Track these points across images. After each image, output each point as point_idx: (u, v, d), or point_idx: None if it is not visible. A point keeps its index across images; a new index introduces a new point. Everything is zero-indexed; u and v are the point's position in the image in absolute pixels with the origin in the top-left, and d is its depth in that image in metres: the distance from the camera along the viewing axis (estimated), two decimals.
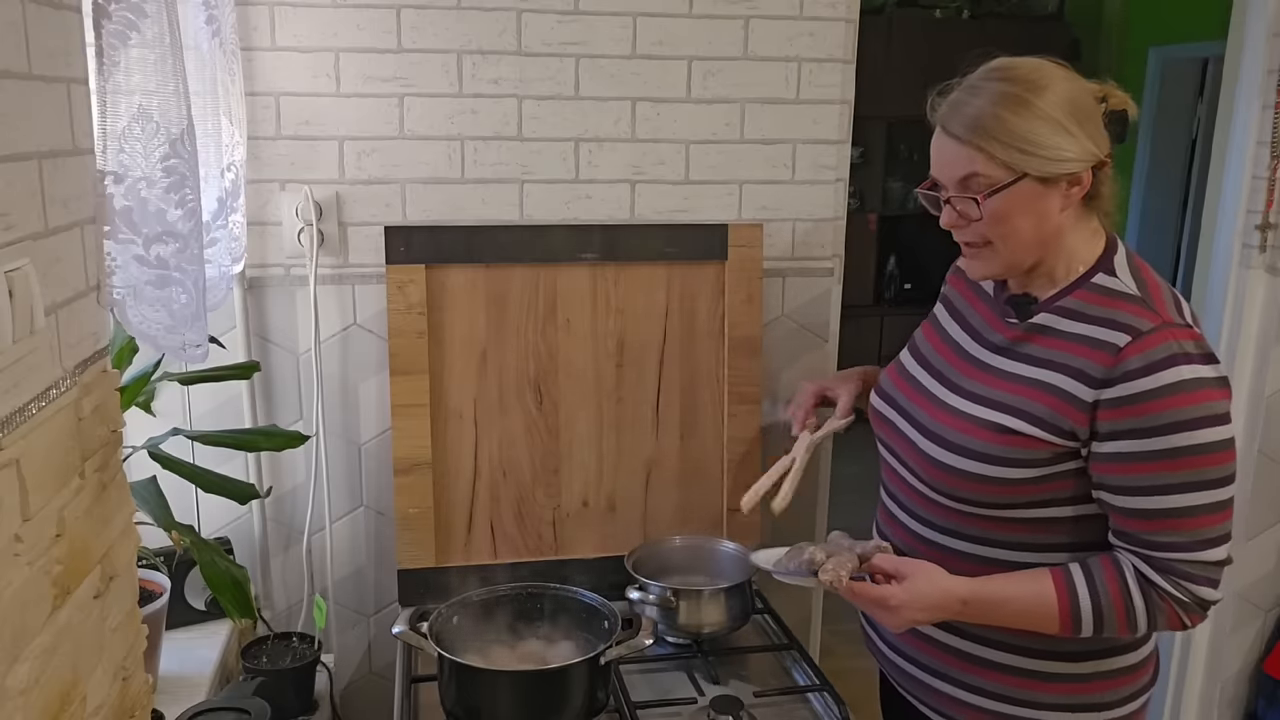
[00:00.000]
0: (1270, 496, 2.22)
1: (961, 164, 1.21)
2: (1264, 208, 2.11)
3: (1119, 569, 1.20)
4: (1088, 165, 1.19)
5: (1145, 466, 1.16)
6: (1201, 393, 1.14)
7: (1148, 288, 1.22)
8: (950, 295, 1.46)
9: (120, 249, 1.15)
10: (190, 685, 1.56)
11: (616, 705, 1.46)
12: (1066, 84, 1.20)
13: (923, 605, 1.25)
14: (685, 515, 1.90)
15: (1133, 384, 1.15)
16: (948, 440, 1.28)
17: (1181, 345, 1.15)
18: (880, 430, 1.44)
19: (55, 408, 0.94)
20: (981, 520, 1.28)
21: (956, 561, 1.30)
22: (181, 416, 1.79)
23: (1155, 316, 1.17)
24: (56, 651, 0.92)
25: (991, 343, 1.32)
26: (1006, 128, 1.17)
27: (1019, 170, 1.18)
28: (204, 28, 1.46)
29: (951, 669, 1.35)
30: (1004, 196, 1.19)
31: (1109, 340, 1.17)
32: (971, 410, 1.28)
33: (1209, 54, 4.49)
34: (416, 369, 1.75)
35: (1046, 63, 1.22)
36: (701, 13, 1.83)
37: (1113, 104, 1.24)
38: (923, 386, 1.38)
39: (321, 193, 1.78)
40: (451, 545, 1.81)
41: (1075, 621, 1.21)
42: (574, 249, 1.80)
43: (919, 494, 1.34)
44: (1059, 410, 1.20)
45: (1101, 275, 1.24)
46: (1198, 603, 1.18)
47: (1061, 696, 1.30)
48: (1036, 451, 1.21)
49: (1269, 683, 2.29)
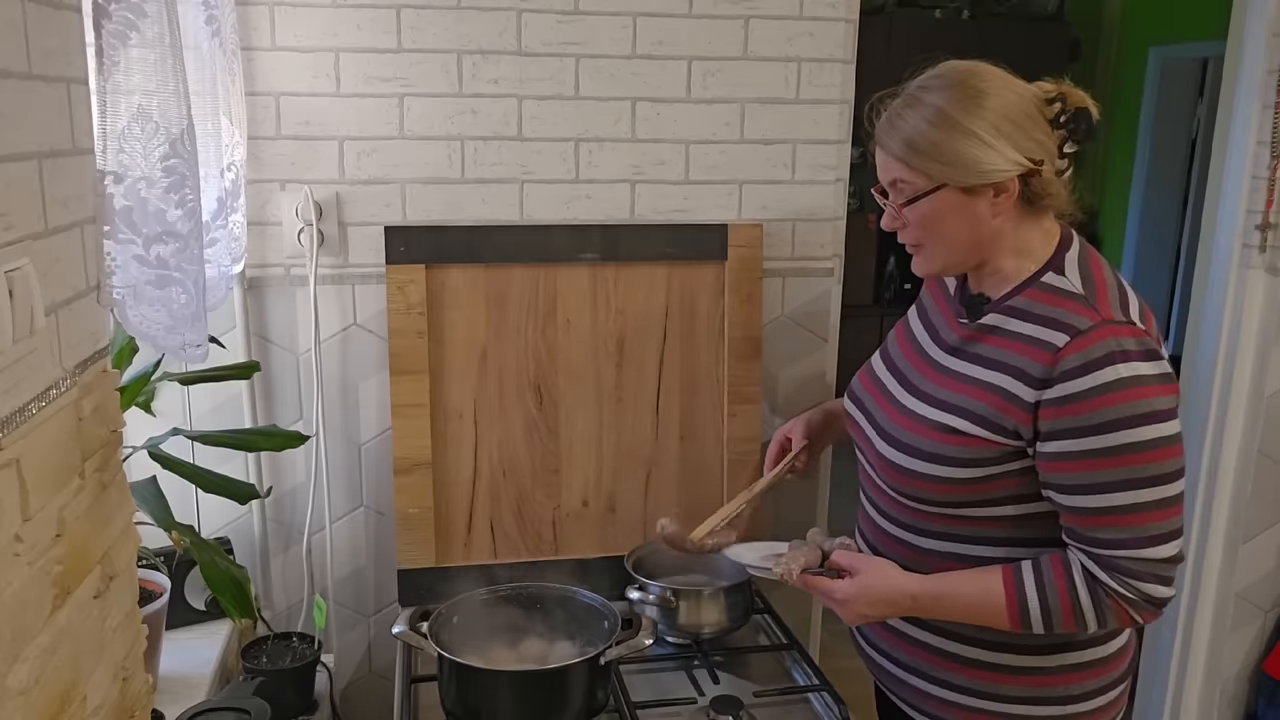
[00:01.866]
0: (1270, 496, 2.22)
1: (887, 171, 1.27)
2: (1264, 208, 2.11)
3: (1067, 567, 1.21)
4: (1013, 174, 1.20)
5: (1085, 465, 1.17)
6: (1140, 390, 1.14)
7: (1094, 285, 1.22)
8: (923, 297, 1.47)
9: (120, 249, 1.15)
10: (190, 685, 1.56)
11: (616, 705, 1.46)
12: (1002, 93, 1.21)
13: (870, 600, 1.29)
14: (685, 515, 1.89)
15: (1071, 383, 1.16)
16: (900, 441, 1.31)
17: (1120, 343, 1.15)
18: (851, 431, 1.46)
19: (55, 408, 0.94)
20: (939, 518, 1.30)
21: (922, 558, 1.32)
22: (181, 416, 1.79)
23: (1095, 314, 1.18)
24: (56, 651, 0.92)
25: (945, 342, 1.34)
26: (929, 141, 1.20)
27: (938, 180, 1.21)
28: (204, 28, 1.46)
29: (919, 663, 1.36)
30: (925, 204, 1.24)
31: (1049, 340, 1.19)
32: (922, 411, 1.30)
33: (1209, 54, 4.49)
34: (416, 369, 1.75)
35: (987, 69, 1.23)
36: (701, 13, 1.83)
37: (1072, 102, 1.23)
38: (885, 388, 1.40)
39: (321, 193, 1.78)
40: (451, 545, 1.82)
41: (1024, 618, 1.22)
42: (574, 249, 1.80)
43: (883, 493, 1.36)
44: (1002, 410, 1.21)
45: (1051, 274, 1.25)
46: (1146, 600, 1.18)
47: (1027, 689, 1.31)
48: (982, 451, 1.23)
49: (1269, 683, 2.29)
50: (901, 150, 1.23)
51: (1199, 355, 2.27)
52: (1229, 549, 2.25)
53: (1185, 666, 2.35)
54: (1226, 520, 2.25)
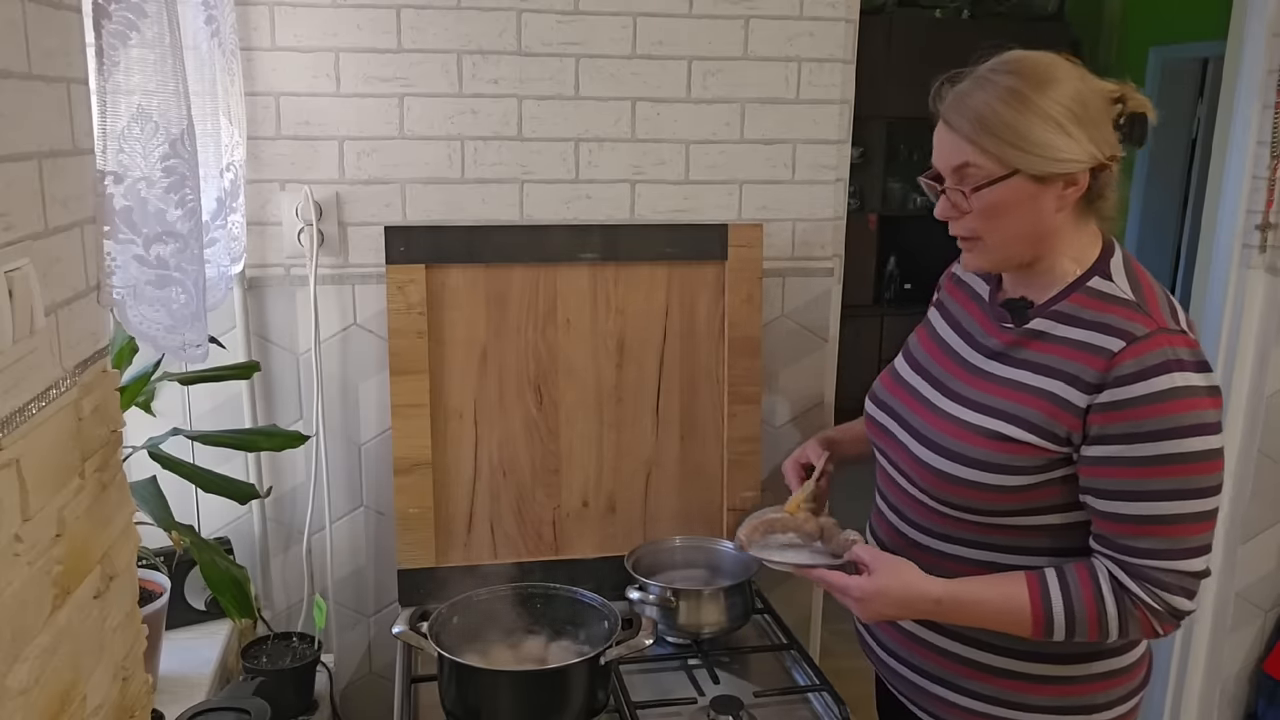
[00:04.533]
0: (1270, 496, 2.22)
1: (956, 154, 1.21)
2: (1264, 208, 2.11)
3: (1094, 575, 1.20)
4: (1085, 167, 1.18)
5: (1131, 472, 1.15)
6: (1193, 400, 1.13)
7: (1143, 292, 1.21)
8: (945, 300, 1.45)
9: (120, 249, 1.15)
10: (190, 685, 1.56)
11: (616, 705, 1.46)
12: (1075, 83, 1.18)
13: (889, 601, 1.27)
14: (685, 515, 1.90)
15: (1125, 389, 1.14)
16: (945, 447, 1.28)
17: (1176, 352, 1.14)
18: (876, 438, 1.43)
19: (55, 408, 0.94)
20: (975, 526, 1.28)
21: (946, 564, 1.30)
22: (181, 416, 1.79)
23: (1150, 321, 1.16)
24: (56, 651, 0.92)
25: (986, 348, 1.31)
26: (1003, 122, 1.17)
27: (1011, 166, 1.17)
28: (204, 28, 1.46)
29: (942, 671, 1.35)
30: (994, 191, 1.19)
31: (1103, 345, 1.17)
32: (968, 417, 1.27)
33: (1209, 54, 4.49)
34: (416, 369, 1.75)
35: (1059, 59, 1.20)
36: (701, 13, 1.83)
37: (1131, 106, 1.21)
38: (919, 394, 1.37)
39: (321, 193, 1.78)
40: (451, 545, 1.82)
41: (1048, 625, 1.20)
42: (574, 249, 1.80)
43: (914, 500, 1.33)
44: (1054, 416, 1.19)
45: (1097, 279, 1.23)
46: (1171, 612, 1.17)
47: (1050, 699, 1.30)
48: (1032, 458, 1.21)
49: (1269, 683, 2.29)
50: (972, 130, 1.18)
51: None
52: (1229, 549, 2.25)
53: (1185, 666, 2.35)
54: (1226, 520, 2.25)
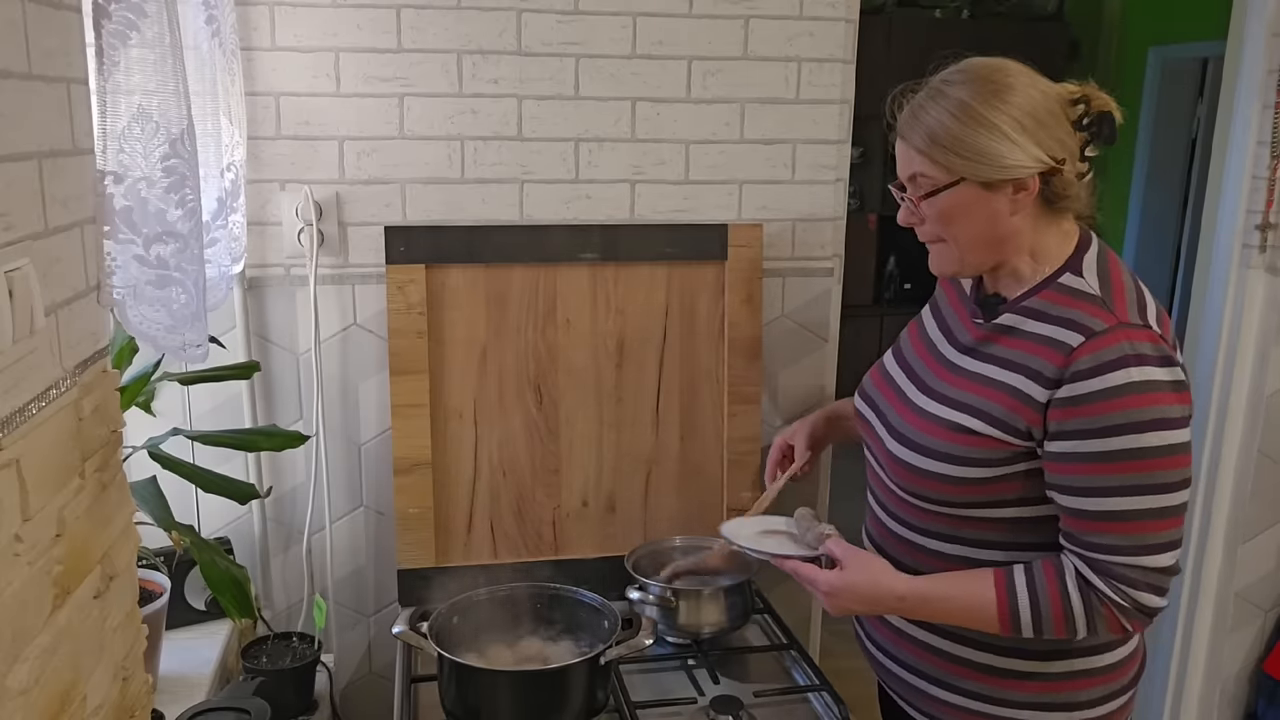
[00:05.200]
0: (1270, 496, 2.22)
1: (908, 165, 1.26)
2: (1264, 208, 2.11)
3: (1060, 571, 1.20)
4: (1033, 172, 1.19)
5: (1089, 467, 1.16)
6: (1152, 395, 1.13)
7: (1111, 288, 1.21)
8: (938, 297, 1.47)
9: (120, 249, 1.15)
10: (190, 685, 1.56)
11: (616, 705, 1.46)
12: (1025, 90, 1.20)
13: (855, 596, 1.29)
14: (685, 515, 1.90)
15: (1082, 384, 1.15)
16: (911, 440, 1.30)
17: (1135, 346, 1.15)
18: (861, 431, 1.46)
19: (55, 408, 0.94)
20: (946, 519, 1.29)
21: (926, 558, 1.32)
22: (181, 416, 1.79)
23: (1111, 317, 1.17)
24: (56, 651, 0.92)
25: (960, 343, 1.33)
26: (950, 134, 1.19)
27: (957, 174, 1.21)
28: (204, 28, 1.46)
29: (932, 668, 1.35)
30: (943, 198, 1.23)
31: (1063, 340, 1.18)
32: (935, 410, 1.29)
33: (1209, 54, 4.49)
34: (416, 369, 1.75)
35: (1010, 65, 1.22)
36: (701, 13, 1.83)
37: (1095, 106, 1.23)
38: (898, 387, 1.40)
39: (321, 193, 1.78)
40: (451, 545, 1.82)
41: (1014, 622, 1.21)
42: (574, 249, 1.80)
43: (892, 493, 1.36)
44: (1014, 410, 1.21)
45: (1068, 275, 1.24)
46: (1138, 608, 1.17)
47: (1035, 695, 1.30)
48: (993, 451, 1.22)
49: (1269, 683, 2.30)
50: (923, 143, 1.22)
51: (1199, 355, 2.27)
52: (1229, 549, 2.25)
53: (1185, 666, 2.35)
54: (1226, 520, 2.25)
